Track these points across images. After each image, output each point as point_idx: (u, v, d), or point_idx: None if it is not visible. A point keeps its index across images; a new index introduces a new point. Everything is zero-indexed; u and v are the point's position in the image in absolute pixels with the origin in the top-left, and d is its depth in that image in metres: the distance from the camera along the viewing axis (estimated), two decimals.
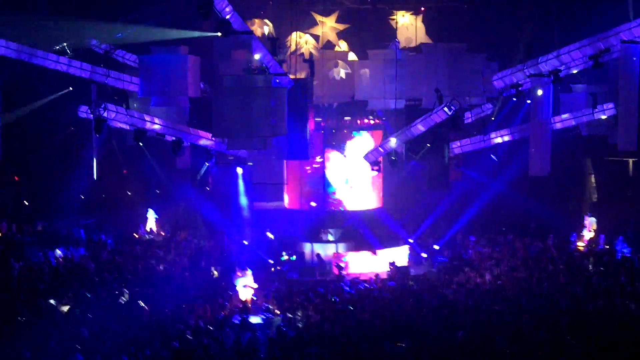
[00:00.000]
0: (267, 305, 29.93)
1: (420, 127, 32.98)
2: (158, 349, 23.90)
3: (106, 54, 35.61)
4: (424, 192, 39.51)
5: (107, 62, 35.24)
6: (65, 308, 27.97)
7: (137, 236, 41.72)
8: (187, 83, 32.72)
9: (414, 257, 38.65)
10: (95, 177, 39.50)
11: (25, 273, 32.89)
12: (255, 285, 30.85)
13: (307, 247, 38.25)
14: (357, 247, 38.09)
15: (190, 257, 37.00)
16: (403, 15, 39.55)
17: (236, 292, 30.60)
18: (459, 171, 40.64)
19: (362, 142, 39.03)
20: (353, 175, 39.16)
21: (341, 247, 37.99)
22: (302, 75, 35.21)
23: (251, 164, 38.89)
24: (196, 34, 30.60)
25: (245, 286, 30.18)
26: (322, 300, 30.21)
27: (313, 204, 39.01)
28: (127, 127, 34.03)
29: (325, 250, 37.85)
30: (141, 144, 33.41)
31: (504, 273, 33.73)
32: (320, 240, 38.62)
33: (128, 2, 35.90)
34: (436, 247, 39.55)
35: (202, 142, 35.03)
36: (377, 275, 35.59)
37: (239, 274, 30.95)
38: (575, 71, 32.82)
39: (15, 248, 36.49)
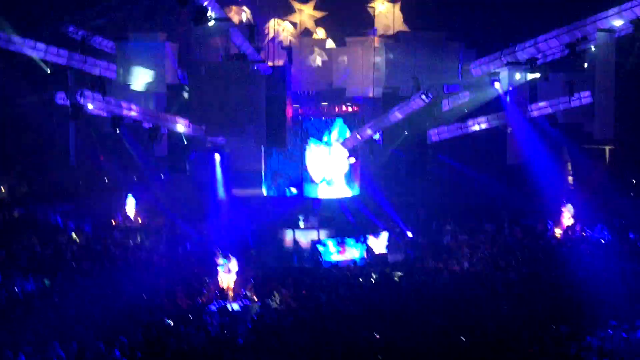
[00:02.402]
0: (245, 292, 29.91)
1: (397, 115, 33.00)
2: (135, 336, 23.87)
3: (83, 40, 35.37)
4: (402, 180, 39.59)
5: (84, 48, 35.01)
6: None
7: (114, 223, 41.61)
8: (164, 70, 32.62)
9: (392, 244, 38.70)
10: (75, 163, 39.24)
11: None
12: (235, 277, 30.71)
13: (289, 234, 38.15)
14: (337, 234, 38.09)
15: (167, 244, 37.00)
16: (383, 3, 39.48)
17: (213, 279, 30.53)
18: (437, 159, 40.71)
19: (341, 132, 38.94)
20: (332, 166, 38.93)
21: (322, 233, 37.95)
22: (280, 62, 35.13)
23: (229, 150, 38.79)
24: None
25: (229, 272, 30.10)
26: (300, 287, 30.25)
27: (294, 190, 38.86)
28: (104, 114, 33.88)
29: (307, 237, 37.77)
30: (118, 131, 33.33)
31: (481, 260, 33.92)
32: (301, 228, 38.52)
33: None
34: (409, 234, 39.65)
35: (180, 128, 34.91)
36: (355, 262, 35.68)
37: (219, 261, 30.77)
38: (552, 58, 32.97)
39: None
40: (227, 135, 34.89)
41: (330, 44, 38.71)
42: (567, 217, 39.61)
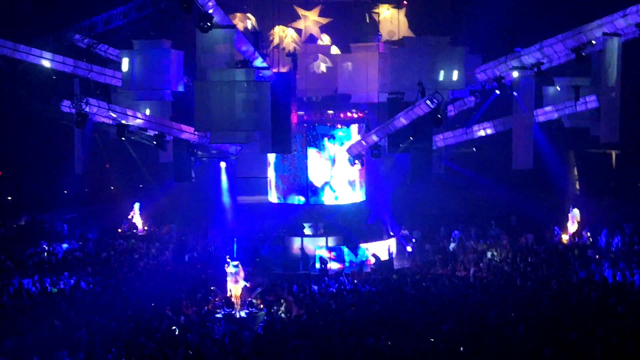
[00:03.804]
0: (250, 299, 29.82)
1: (402, 120, 32.97)
2: (142, 344, 23.82)
3: (89, 48, 35.44)
4: (408, 185, 39.48)
5: (90, 56, 35.08)
6: None
7: (120, 231, 41.63)
8: (170, 77, 32.65)
9: (398, 250, 38.62)
10: (81, 171, 39.31)
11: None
12: (245, 283, 30.48)
13: (296, 242, 38.04)
14: (344, 241, 37.95)
15: (173, 251, 36.99)
16: (388, 9, 39.51)
17: (220, 287, 30.43)
18: (442, 164, 40.61)
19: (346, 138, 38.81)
20: (336, 172, 38.83)
21: (331, 240, 37.81)
22: (285, 69, 35.16)
23: (235, 157, 38.77)
24: None
25: (237, 281, 29.96)
26: (306, 294, 30.18)
27: (301, 198, 38.69)
28: (110, 122, 33.94)
29: (314, 244, 37.63)
30: (124, 139, 33.44)
31: (488, 266, 33.84)
32: (307, 235, 38.40)
33: None
34: (413, 239, 39.58)
35: (185, 136, 34.92)
36: (360, 268, 35.61)
37: (228, 269, 30.59)
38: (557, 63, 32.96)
39: None
40: (232, 142, 34.86)
41: (334, 50, 38.72)
42: (574, 222, 39.43)
